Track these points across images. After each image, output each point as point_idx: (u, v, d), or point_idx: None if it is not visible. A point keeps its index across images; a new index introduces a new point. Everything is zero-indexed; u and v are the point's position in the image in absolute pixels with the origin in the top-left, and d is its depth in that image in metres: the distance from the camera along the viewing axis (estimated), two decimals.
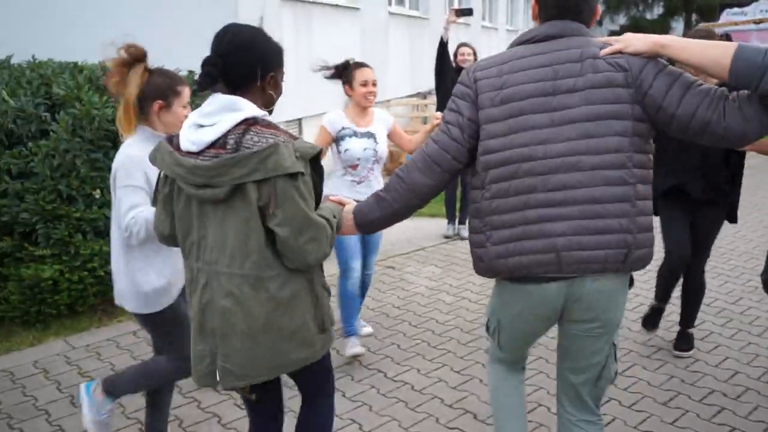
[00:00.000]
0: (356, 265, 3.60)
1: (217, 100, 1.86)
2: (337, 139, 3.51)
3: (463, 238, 5.98)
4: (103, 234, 4.26)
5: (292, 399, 2.35)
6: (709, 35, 3.20)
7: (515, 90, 1.87)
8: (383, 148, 3.60)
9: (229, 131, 1.83)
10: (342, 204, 2.18)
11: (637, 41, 1.81)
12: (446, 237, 6.16)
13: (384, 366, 3.66)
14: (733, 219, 3.48)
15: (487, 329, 2.23)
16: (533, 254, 1.86)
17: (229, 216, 1.86)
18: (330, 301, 2.09)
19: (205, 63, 1.87)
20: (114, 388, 2.61)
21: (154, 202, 2.12)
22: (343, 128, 3.51)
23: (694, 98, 1.74)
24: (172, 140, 1.93)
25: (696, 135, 1.79)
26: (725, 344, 3.83)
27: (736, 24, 11.25)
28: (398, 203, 2.05)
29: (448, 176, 2.01)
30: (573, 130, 1.82)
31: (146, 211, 2.30)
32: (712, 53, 1.71)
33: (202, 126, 1.86)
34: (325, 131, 3.53)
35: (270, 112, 1.97)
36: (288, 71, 2.05)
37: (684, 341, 3.73)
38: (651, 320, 3.85)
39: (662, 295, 3.75)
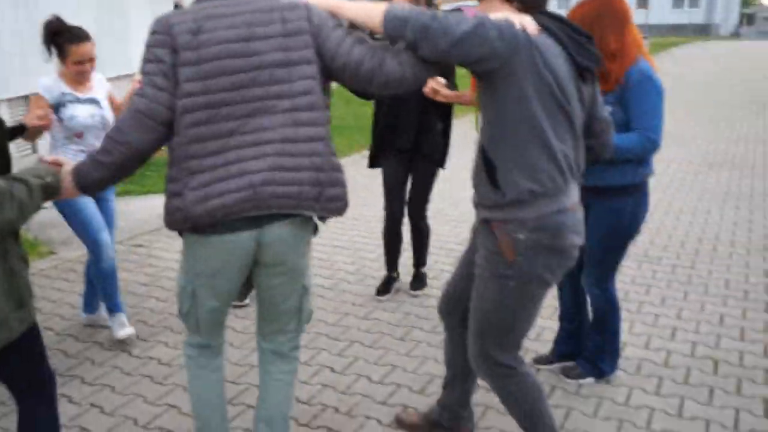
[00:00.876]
0: (106, 237, 3.37)
1: None
2: (57, 107, 3.24)
3: None
4: None
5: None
6: None
7: (211, 36, 1.89)
8: (109, 113, 3.40)
9: None
10: (59, 164, 2.03)
11: (318, 1, 2.01)
12: None
13: (128, 345, 3.51)
14: (441, 164, 3.84)
15: (180, 312, 2.20)
16: (233, 193, 1.90)
17: None
18: (28, 273, 1.95)
19: None
20: None
21: None
22: (63, 94, 3.24)
23: (362, 50, 1.95)
24: None
25: (365, 82, 1.99)
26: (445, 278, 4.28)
27: None
28: (118, 164, 1.97)
29: (164, 129, 1.94)
30: (267, 76, 1.91)
31: None
32: (370, 13, 1.96)
33: None
34: (41, 99, 3.23)
35: None
36: (11, 46, 1.83)
37: (418, 281, 4.09)
38: (383, 289, 4.03)
39: (390, 263, 4.06)
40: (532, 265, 2.07)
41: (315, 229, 2.14)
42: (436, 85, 3.23)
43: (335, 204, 2.02)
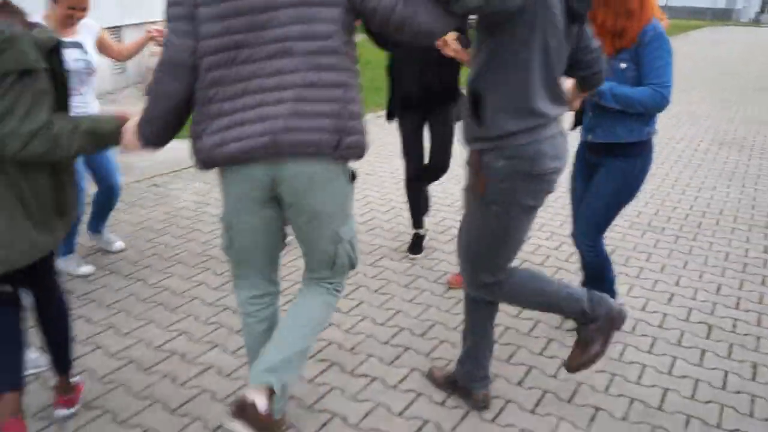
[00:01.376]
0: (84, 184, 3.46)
1: None
2: None
3: None
4: None
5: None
6: None
7: None
8: (94, 59, 3.32)
9: None
10: (125, 117, 2.06)
11: None
12: None
13: (144, 275, 3.58)
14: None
15: (223, 247, 2.17)
16: (251, 138, 1.85)
17: None
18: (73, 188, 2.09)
19: None
20: None
21: None
22: None
23: None
24: None
25: (394, 29, 1.88)
26: None
27: None
28: (163, 117, 1.96)
29: (196, 73, 1.90)
30: (286, 16, 1.81)
31: None
32: None
33: None
34: None
35: None
36: None
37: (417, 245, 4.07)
38: (414, 248, 3.99)
39: (416, 218, 3.98)
40: (512, 191, 2.13)
41: (353, 177, 2.03)
42: (447, 37, 3.12)
43: (353, 151, 1.93)
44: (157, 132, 2.01)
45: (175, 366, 2.77)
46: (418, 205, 3.98)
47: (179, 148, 6.13)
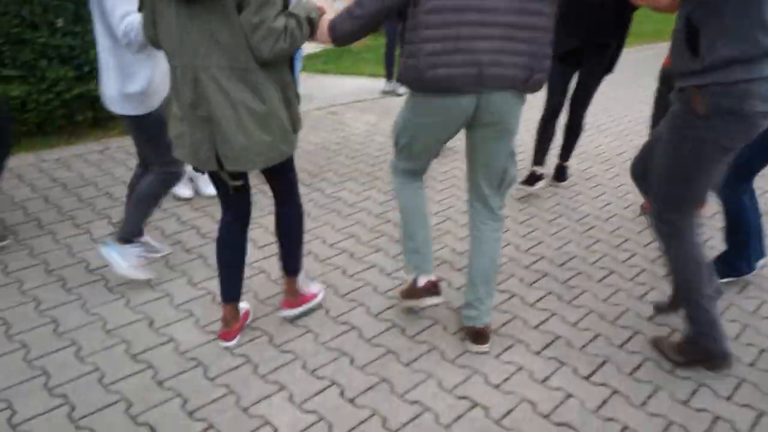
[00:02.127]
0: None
1: None
2: None
3: (398, 94, 6.10)
4: (68, 60, 4.17)
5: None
6: None
7: None
8: None
9: None
10: (322, 11, 2.12)
11: None
12: (384, 92, 6.23)
13: (321, 186, 3.87)
14: (610, 69, 3.63)
15: (396, 145, 2.31)
16: (460, 67, 1.95)
17: (211, 14, 1.85)
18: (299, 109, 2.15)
19: None
20: (126, 234, 2.69)
21: (140, 7, 2.03)
22: None
23: None
24: None
25: None
26: (604, 183, 4.18)
27: None
28: (367, 18, 2.02)
29: None
30: None
31: (138, 16, 2.24)
32: None
33: None
34: None
35: None
36: None
37: (560, 173, 4.05)
38: (530, 180, 3.93)
39: (538, 157, 3.91)
40: (711, 129, 2.00)
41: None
42: None
43: (537, 86, 2.06)
44: (349, 31, 2.03)
45: (345, 261, 3.02)
46: (546, 142, 3.88)
47: (354, 84, 6.43)
